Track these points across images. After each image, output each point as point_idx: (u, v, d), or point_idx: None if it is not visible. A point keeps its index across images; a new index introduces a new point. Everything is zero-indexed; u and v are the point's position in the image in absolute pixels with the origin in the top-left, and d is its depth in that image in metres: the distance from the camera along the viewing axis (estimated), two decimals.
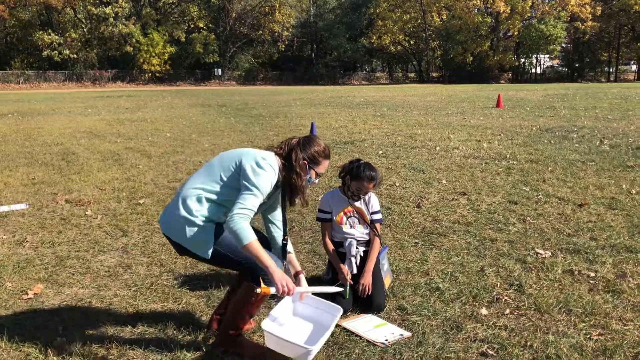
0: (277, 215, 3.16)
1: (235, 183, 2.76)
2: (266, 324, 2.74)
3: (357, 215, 3.74)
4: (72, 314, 3.44)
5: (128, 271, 4.19)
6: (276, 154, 2.92)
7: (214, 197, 2.77)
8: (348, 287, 3.47)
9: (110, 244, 4.82)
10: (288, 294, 2.66)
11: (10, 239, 4.94)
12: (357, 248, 3.71)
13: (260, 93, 36.00)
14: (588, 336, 3.09)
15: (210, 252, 2.74)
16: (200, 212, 2.73)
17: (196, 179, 2.84)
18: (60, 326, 3.25)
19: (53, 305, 3.59)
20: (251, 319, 3.11)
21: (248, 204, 2.65)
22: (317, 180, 3.07)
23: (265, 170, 2.74)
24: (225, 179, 2.79)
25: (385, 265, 3.81)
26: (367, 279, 3.50)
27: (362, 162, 3.65)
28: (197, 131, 13.22)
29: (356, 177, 3.59)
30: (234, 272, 3.64)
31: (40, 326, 3.27)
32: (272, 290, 2.67)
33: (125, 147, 10.54)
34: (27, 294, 3.73)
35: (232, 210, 2.63)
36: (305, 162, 2.92)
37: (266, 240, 3.17)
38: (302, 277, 3.05)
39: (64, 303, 3.62)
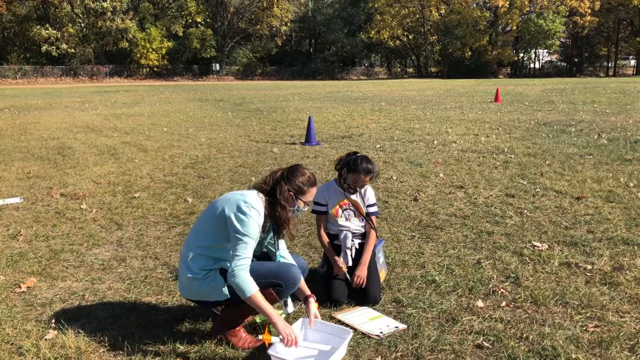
0: (280, 247, 3.17)
1: (222, 231, 2.81)
2: (272, 349, 2.68)
3: (352, 208, 3.71)
4: (65, 307, 3.41)
5: (122, 264, 4.16)
6: (260, 190, 2.94)
7: (209, 251, 2.86)
8: (346, 276, 3.47)
9: (104, 237, 4.79)
10: (292, 345, 2.69)
11: (4, 232, 4.90)
12: (352, 240, 3.68)
13: (258, 88, 35.92)
14: (584, 328, 3.07)
15: (227, 291, 2.83)
16: (201, 267, 2.84)
17: (190, 236, 2.95)
18: (54, 319, 3.22)
19: (46, 298, 3.56)
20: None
21: (243, 254, 2.73)
22: (305, 209, 3.07)
23: (249, 216, 2.77)
24: (213, 229, 2.86)
25: (380, 259, 3.79)
26: (362, 272, 3.48)
27: (359, 154, 3.61)
28: (194, 125, 13.17)
29: (353, 169, 3.55)
30: None
31: (33, 319, 3.25)
32: (274, 339, 2.67)
33: (122, 142, 10.49)
34: (20, 287, 3.70)
35: (231, 265, 2.72)
36: (291, 193, 2.94)
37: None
38: (312, 301, 3.02)
39: (57, 296, 3.59)
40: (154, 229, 5.02)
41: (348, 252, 3.63)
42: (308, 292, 3.07)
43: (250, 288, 2.68)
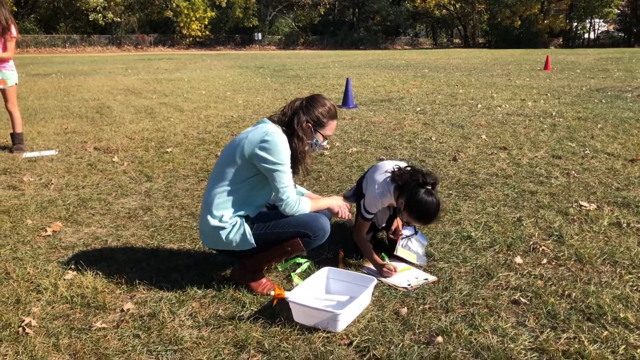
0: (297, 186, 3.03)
1: (244, 174, 2.68)
2: (291, 295, 2.54)
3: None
4: (87, 251, 3.37)
5: (148, 213, 4.09)
6: (279, 121, 2.75)
7: (231, 196, 2.69)
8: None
9: (133, 188, 4.74)
10: (346, 217, 2.88)
11: (37, 181, 4.93)
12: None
13: (299, 57, 35.54)
14: (635, 288, 2.79)
15: (252, 240, 2.69)
16: (224, 215, 2.68)
17: (211, 183, 2.76)
18: (74, 261, 3.17)
19: (70, 242, 3.52)
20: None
21: (283, 183, 2.64)
22: (325, 144, 2.86)
23: (274, 143, 2.60)
24: (233, 174, 2.68)
25: (422, 251, 3.29)
26: (399, 223, 3.25)
27: (428, 185, 2.82)
28: (232, 89, 13.08)
29: (414, 213, 2.84)
30: None
31: (55, 261, 3.21)
32: (286, 294, 2.53)
33: (160, 103, 10.50)
34: (45, 231, 3.68)
35: (277, 202, 2.68)
36: (310, 124, 2.74)
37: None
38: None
39: (81, 241, 3.54)
40: (183, 181, 4.94)
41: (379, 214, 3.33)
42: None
43: (305, 208, 2.72)
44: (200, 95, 11.74)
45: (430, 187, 2.82)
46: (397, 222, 3.27)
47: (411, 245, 3.22)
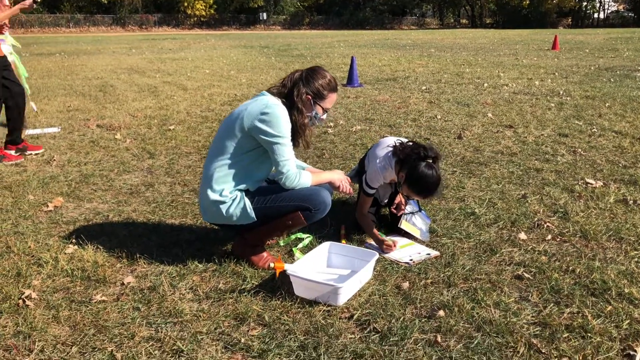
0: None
1: (244, 147, 2.63)
2: (291, 267, 2.51)
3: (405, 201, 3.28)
4: (88, 226, 3.35)
5: (150, 189, 4.07)
6: (278, 94, 2.69)
7: (231, 170, 2.65)
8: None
9: (135, 164, 4.71)
10: (348, 193, 2.85)
11: (39, 157, 4.91)
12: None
13: (304, 36, 35.24)
14: None
15: (253, 215, 2.66)
16: (225, 190, 2.63)
17: (210, 158, 2.70)
18: (75, 236, 3.16)
19: (71, 217, 3.51)
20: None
21: (283, 157, 2.59)
22: (325, 117, 2.81)
23: (274, 115, 2.55)
24: (232, 147, 2.63)
25: (425, 227, 3.24)
26: (402, 199, 3.21)
27: (429, 158, 2.78)
28: (236, 68, 12.98)
29: (414, 186, 2.82)
30: None
31: (56, 235, 3.20)
32: (286, 266, 2.51)
33: (163, 81, 10.43)
34: (47, 206, 3.67)
35: (277, 175, 2.64)
36: (309, 97, 2.69)
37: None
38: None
39: (82, 216, 3.53)
40: (185, 158, 4.91)
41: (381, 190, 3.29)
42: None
43: (306, 182, 2.68)
44: (204, 74, 11.66)
45: (431, 161, 2.77)
46: (400, 197, 3.23)
47: (415, 221, 3.18)
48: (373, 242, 3.02)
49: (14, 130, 4.96)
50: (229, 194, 2.63)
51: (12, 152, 4.89)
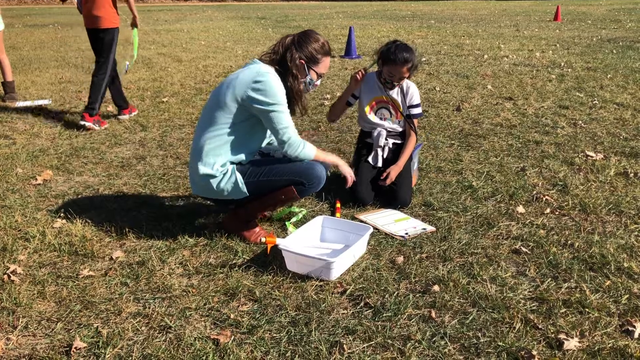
0: None
1: (236, 118, 2.53)
2: (283, 242, 2.44)
3: (389, 107, 3.33)
4: (77, 200, 3.28)
5: (142, 162, 3.99)
6: (269, 61, 2.59)
7: (222, 142, 2.54)
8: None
9: (127, 137, 4.62)
10: (349, 183, 2.82)
11: (29, 130, 4.81)
12: (386, 139, 3.33)
13: (302, 7, 34.61)
14: None
15: (245, 189, 2.57)
16: (216, 162, 2.54)
17: (200, 129, 2.60)
18: (63, 210, 3.09)
19: (60, 191, 3.43)
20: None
21: (282, 125, 2.51)
22: (318, 82, 2.72)
23: (267, 83, 2.46)
24: (223, 118, 2.53)
25: (415, 165, 3.44)
26: (394, 171, 3.15)
27: (397, 42, 3.17)
28: (233, 40, 12.75)
29: (387, 60, 3.13)
30: None
31: (44, 209, 3.13)
32: (278, 240, 2.43)
33: (158, 53, 10.24)
34: (36, 179, 3.59)
35: (279, 144, 2.57)
36: (303, 61, 2.59)
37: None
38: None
39: (72, 189, 3.46)
40: (178, 131, 4.82)
41: (379, 151, 3.29)
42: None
43: (310, 152, 2.61)
44: (200, 46, 11.45)
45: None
46: (390, 170, 3.16)
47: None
48: (365, 218, 2.95)
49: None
50: (220, 168, 2.55)
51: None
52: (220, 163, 2.55)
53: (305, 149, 2.58)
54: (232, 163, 2.60)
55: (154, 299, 2.20)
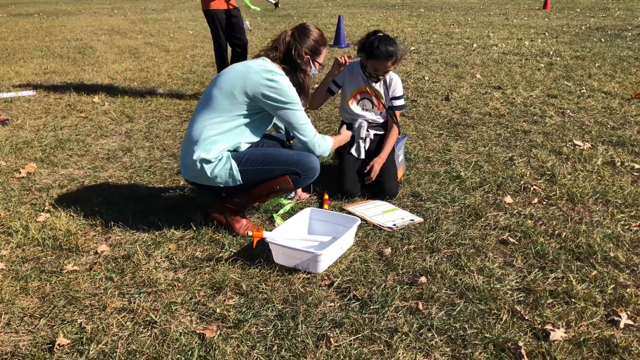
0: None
1: (242, 110, 2.53)
2: (270, 235, 2.41)
3: (371, 98, 3.31)
4: (62, 193, 3.24)
5: (128, 154, 3.94)
6: (273, 57, 2.59)
7: (223, 129, 2.52)
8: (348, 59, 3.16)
9: (113, 129, 4.56)
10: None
11: (13, 122, 4.73)
12: (367, 131, 3.32)
13: None
14: (627, 227, 2.71)
15: (239, 177, 2.56)
16: (214, 149, 2.51)
17: (200, 115, 2.55)
18: (47, 203, 3.04)
19: (45, 184, 3.39)
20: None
21: (301, 122, 2.58)
22: (317, 72, 2.74)
23: (281, 82, 2.50)
24: (231, 107, 2.51)
25: (400, 157, 3.40)
26: (377, 163, 3.13)
27: (379, 34, 3.12)
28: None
29: (370, 54, 3.09)
30: None
31: (28, 203, 3.08)
32: (265, 234, 2.39)
33: (145, 43, 10.11)
34: (19, 172, 3.54)
35: (300, 142, 2.64)
36: (308, 56, 2.64)
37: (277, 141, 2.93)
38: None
39: (56, 182, 3.41)
40: (165, 122, 4.76)
41: (361, 143, 3.27)
42: None
43: (328, 146, 2.73)
44: (187, 35, 11.32)
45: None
46: (373, 163, 3.14)
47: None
48: (353, 209, 2.93)
49: None
50: (216, 154, 2.51)
51: None
52: (218, 149, 2.52)
53: (325, 144, 2.70)
54: (229, 150, 2.57)
55: (139, 294, 2.18)
